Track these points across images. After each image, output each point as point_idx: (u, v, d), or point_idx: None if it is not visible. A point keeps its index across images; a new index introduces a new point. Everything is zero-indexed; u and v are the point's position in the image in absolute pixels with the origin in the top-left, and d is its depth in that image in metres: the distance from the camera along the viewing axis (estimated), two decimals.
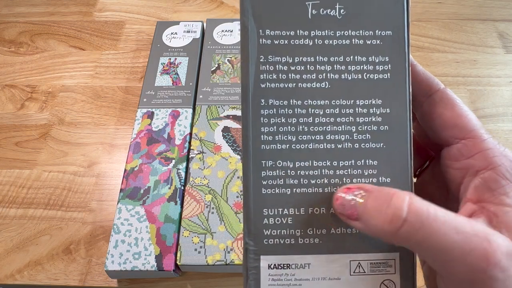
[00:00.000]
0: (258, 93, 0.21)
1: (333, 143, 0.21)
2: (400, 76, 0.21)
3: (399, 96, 0.21)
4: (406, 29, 0.21)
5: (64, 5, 0.59)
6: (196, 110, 0.44)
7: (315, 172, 0.21)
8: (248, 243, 0.21)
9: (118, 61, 0.52)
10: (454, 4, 0.58)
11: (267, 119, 0.21)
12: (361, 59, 0.21)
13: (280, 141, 0.21)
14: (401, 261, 0.21)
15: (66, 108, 0.48)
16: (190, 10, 0.58)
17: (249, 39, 0.21)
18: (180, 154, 0.41)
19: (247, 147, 0.21)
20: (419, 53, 0.52)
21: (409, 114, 0.21)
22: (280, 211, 0.21)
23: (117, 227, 0.37)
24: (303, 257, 0.21)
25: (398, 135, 0.21)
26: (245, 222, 0.21)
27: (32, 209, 0.41)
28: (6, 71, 0.52)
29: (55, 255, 0.39)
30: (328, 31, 0.21)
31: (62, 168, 0.44)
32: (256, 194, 0.21)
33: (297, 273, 0.21)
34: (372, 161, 0.21)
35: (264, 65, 0.21)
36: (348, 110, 0.21)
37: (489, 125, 0.46)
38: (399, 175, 0.21)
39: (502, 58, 0.52)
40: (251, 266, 0.21)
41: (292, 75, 0.21)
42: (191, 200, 0.38)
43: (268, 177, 0.21)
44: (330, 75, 0.21)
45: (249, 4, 0.21)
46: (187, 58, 0.48)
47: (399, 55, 0.21)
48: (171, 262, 0.35)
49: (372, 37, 0.21)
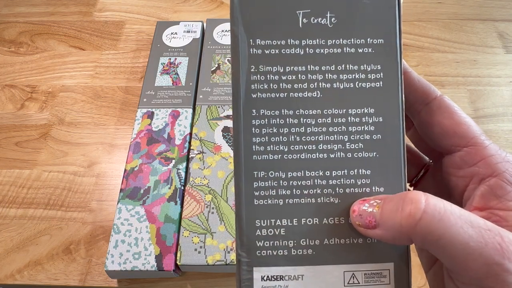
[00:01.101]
0: (249, 103, 0.21)
1: (325, 153, 0.21)
2: (393, 84, 0.21)
3: (391, 105, 0.21)
4: (398, 37, 0.21)
5: (64, 5, 0.59)
6: (196, 110, 0.44)
7: (307, 182, 0.21)
8: (241, 254, 0.21)
9: (118, 61, 0.52)
10: (454, 4, 0.58)
11: (258, 129, 0.21)
12: (353, 67, 0.21)
13: (272, 152, 0.21)
14: (395, 272, 0.21)
15: (66, 108, 0.48)
16: (190, 10, 0.58)
17: (239, 49, 0.21)
18: (180, 154, 0.41)
19: (239, 157, 0.21)
20: (419, 53, 0.52)
21: (402, 123, 0.21)
22: (272, 222, 0.21)
23: (117, 227, 0.37)
24: (296, 268, 0.21)
25: (391, 144, 0.21)
26: (238, 233, 0.21)
27: (32, 209, 0.41)
28: (6, 71, 0.52)
29: (55, 255, 0.39)
30: (319, 39, 0.21)
31: (62, 168, 0.44)
32: (248, 205, 0.21)
33: (291, 284, 0.21)
34: (365, 170, 0.21)
35: (255, 74, 0.21)
36: (341, 119, 0.21)
37: (489, 125, 0.46)
38: (393, 184, 0.21)
39: (502, 58, 0.52)
40: (244, 278, 0.21)
41: (283, 85, 0.21)
42: (191, 200, 0.38)
43: (260, 188, 0.21)
44: (322, 84, 0.21)
45: (239, 14, 0.21)
46: (187, 58, 0.48)
47: (391, 63, 0.21)
48: (171, 262, 0.35)
49: (363, 45, 0.21)
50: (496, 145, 0.19)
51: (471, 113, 0.47)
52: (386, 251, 0.21)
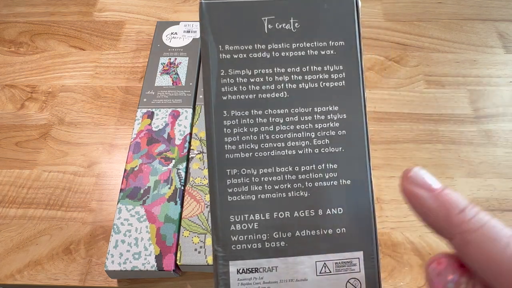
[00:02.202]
0: (220, 105, 0.22)
1: (294, 149, 0.22)
2: (355, 83, 0.23)
3: (354, 102, 0.23)
4: (358, 38, 0.23)
5: (64, 5, 0.59)
6: (196, 110, 0.44)
7: (278, 178, 0.22)
8: (217, 249, 0.22)
9: (118, 61, 0.52)
10: (454, 4, 0.58)
11: (230, 129, 0.22)
12: (316, 68, 0.22)
13: (243, 150, 0.22)
14: (365, 260, 0.22)
15: (66, 108, 0.48)
16: (190, 10, 0.58)
17: (209, 54, 0.22)
18: (180, 154, 0.41)
19: (212, 156, 0.22)
20: (419, 53, 0.52)
21: (365, 118, 0.22)
22: (246, 217, 0.22)
23: (117, 227, 0.37)
24: (270, 260, 0.22)
25: (355, 138, 0.22)
26: (213, 229, 0.22)
27: (32, 209, 0.41)
28: (6, 71, 0.52)
29: (55, 255, 0.39)
30: (284, 43, 0.22)
31: (62, 168, 0.44)
32: (222, 202, 0.22)
33: (265, 276, 0.22)
34: (332, 164, 0.22)
35: (225, 78, 0.22)
36: (307, 117, 0.22)
37: (489, 125, 0.46)
38: (359, 176, 0.22)
39: (502, 58, 0.52)
40: (221, 271, 0.22)
41: (252, 87, 0.22)
42: (191, 200, 0.38)
43: (233, 184, 0.22)
44: (288, 85, 0.22)
45: (208, 22, 0.22)
46: (187, 58, 0.48)
47: (352, 63, 0.23)
48: (171, 262, 0.35)
49: (326, 48, 0.23)
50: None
51: (471, 113, 0.47)
52: (355, 240, 0.22)
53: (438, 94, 0.49)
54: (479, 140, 0.45)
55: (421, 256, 0.38)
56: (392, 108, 0.47)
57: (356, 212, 0.22)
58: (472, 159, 0.44)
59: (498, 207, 0.41)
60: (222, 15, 0.22)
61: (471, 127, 0.46)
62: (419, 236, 0.39)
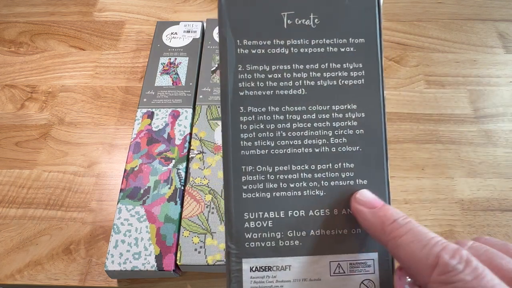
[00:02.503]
0: (237, 100, 0.22)
1: (310, 148, 0.22)
2: (374, 81, 0.22)
3: (373, 101, 0.22)
4: (379, 36, 0.22)
5: (64, 5, 0.59)
6: (196, 110, 0.44)
7: (293, 176, 0.22)
8: (230, 246, 0.21)
9: (118, 61, 0.52)
10: (454, 4, 0.58)
11: (246, 126, 0.22)
12: (335, 66, 0.22)
13: (259, 147, 0.22)
14: (379, 261, 0.22)
15: (66, 108, 0.48)
16: (190, 10, 0.58)
17: (227, 49, 0.22)
18: (180, 154, 0.41)
19: (227, 153, 0.22)
20: (419, 53, 0.52)
21: (384, 118, 0.22)
22: (260, 214, 0.22)
23: (117, 227, 0.37)
24: (283, 259, 0.21)
25: (373, 138, 0.22)
26: (227, 226, 0.21)
27: (32, 209, 0.41)
28: (6, 71, 0.52)
29: (55, 255, 0.39)
30: (303, 40, 0.22)
31: (62, 168, 0.44)
32: (236, 199, 0.22)
33: (278, 275, 0.21)
34: (349, 164, 0.22)
35: (242, 73, 0.22)
36: (325, 115, 0.22)
37: (489, 125, 0.46)
38: (376, 177, 0.22)
39: (502, 58, 0.52)
40: (234, 269, 0.21)
41: (269, 83, 0.22)
42: (191, 200, 0.38)
43: (248, 181, 0.22)
44: (306, 82, 0.22)
45: (227, 16, 0.22)
46: (187, 58, 0.48)
47: (372, 61, 0.22)
48: (171, 262, 0.35)
49: (345, 45, 0.22)
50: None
51: (471, 113, 0.47)
52: (370, 241, 0.22)
53: (438, 94, 0.49)
54: (479, 140, 0.45)
55: None
56: (392, 108, 0.47)
57: None
58: (472, 159, 0.44)
59: (498, 207, 0.41)
60: (241, 10, 0.22)
61: (471, 127, 0.46)
62: None
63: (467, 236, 0.39)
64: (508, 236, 0.39)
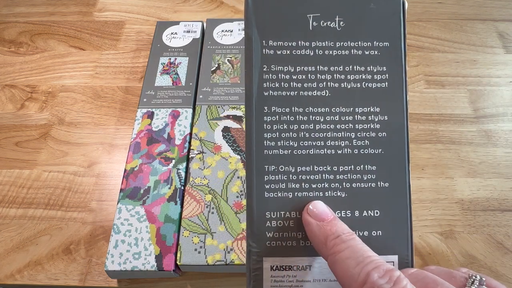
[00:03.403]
0: (262, 100, 0.22)
1: (333, 149, 0.22)
2: (398, 85, 0.22)
3: (396, 104, 0.22)
4: (403, 41, 0.22)
5: (64, 5, 0.59)
6: (196, 110, 0.44)
7: (316, 176, 0.22)
8: (251, 245, 0.21)
9: (118, 61, 0.52)
10: (454, 4, 0.58)
11: (270, 126, 0.22)
12: (359, 68, 0.22)
13: (282, 147, 0.22)
14: (399, 263, 0.22)
15: (66, 108, 0.48)
16: (190, 10, 0.58)
17: (253, 49, 0.22)
18: (180, 154, 0.41)
19: (251, 152, 0.22)
20: (419, 53, 0.52)
21: (406, 121, 0.22)
22: (282, 214, 0.22)
23: (117, 227, 0.37)
24: (304, 259, 0.22)
25: (396, 141, 0.22)
26: (248, 224, 0.22)
27: (32, 209, 0.41)
28: (6, 71, 0.52)
29: (55, 255, 0.39)
30: (328, 42, 0.22)
31: (62, 168, 0.44)
32: (259, 198, 0.22)
33: (299, 274, 0.21)
34: (371, 166, 0.22)
35: (267, 74, 0.22)
36: (348, 117, 0.22)
37: (489, 125, 0.46)
38: (397, 180, 0.22)
39: (502, 58, 0.52)
40: (254, 267, 0.21)
41: (294, 84, 0.22)
42: (191, 200, 0.38)
43: (270, 181, 0.22)
44: (330, 84, 0.22)
45: (253, 16, 0.22)
46: (187, 58, 0.48)
47: (396, 65, 0.22)
48: (171, 262, 0.35)
49: (370, 48, 0.22)
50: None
51: (471, 113, 0.47)
52: (390, 244, 0.22)
53: (438, 94, 0.49)
54: (479, 140, 0.45)
55: (421, 256, 0.38)
56: None
57: (393, 216, 0.22)
58: (472, 159, 0.44)
59: (498, 207, 0.41)
60: (267, 11, 0.22)
61: (471, 127, 0.46)
62: (419, 236, 0.39)
63: (467, 236, 0.39)
64: (508, 236, 0.39)
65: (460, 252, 0.38)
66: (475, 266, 0.38)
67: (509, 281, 0.37)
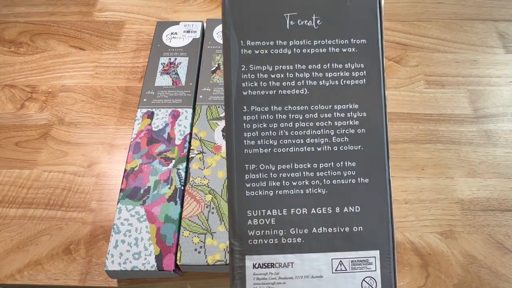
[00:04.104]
0: (241, 100, 0.22)
1: (313, 146, 0.22)
2: (376, 81, 0.23)
3: (375, 100, 0.23)
4: (380, 37, 0.23)
5: (64, 5, 0.59)
6: (196, 110, 0.44)
7: (296, 174, 0.22)
8: (234, 243, 0.22)
9: (118, 61, 0.52)
10: (454, 4, 0.58)
11: (249, 125, 0.22)
12: (337, 66, 0.23)
13: (262, 145, 0.22)
14: (381, 259, 0.22)
15: (66, 108, 0.48)
16: (190, 10, 0.58)
17: (231, 50, 0.22)
18: (180, 154, 0.41)
19: (231, 151, 0.22)
20: (419, 53, 0.52)
21: (385, 117, 0.22)
22: (263, 212, 0.22)
23: (117, 227, 0.37)
24: (286, 256, 0.22)
25: (375, 137, 0.22)
26: (230, 223, 0.22)
27: (32, 209, 0.41)
28: (6, 71, 0.52)
29: (55, 255, 0.39)
30: (305, 40, 0.22)
31: (62, 168, 0.44)
32: (240, 196, 0.22)
33: (281, 271, 0.22)
34: (350, 162, 0.22)
35: (246, 73, 0.22)
36: (327, 114, 0.22)
37: (489, 125, 0.46)
38: (377, 175, 0.22)
39: (502, 58, 0.52)
40: (237, 266, 0.22)
41: (272, 83, 0.22)
42: (191, 200, 0.38)
43: (251, 180, 0.22)
44: (309, 82, 0.22)
45: (230, 17, 0.22)
46: (187, 58, 0.48)
47: (374, 61, 0.23)
48: (171, 262, 0.35)
49: (347, 45, 0.23)
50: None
51: (471, 113, 0.47)
52: (372, 239, 0.22)
53: (438, 94, 0.49)
54: (479, 140, 0.45)
55: (421, 256, 0.38)
56: (392, 108, 0.47)
57: (374, 211, 0.22)
58: (472, 159, 0.44)
59: (498, 207, 0.41)
60: (244, 11, 0.22)
61: (471, 127, 0.46)
62: (419, 236, 0.39)
63: (467, 236, 0.39)
64: (508, 236, 0.39)
65: (460, 252, 0.38)
66: (475, 266, 0.38)
67: (509, 281, 0.37)
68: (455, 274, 0.37)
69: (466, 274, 0.37)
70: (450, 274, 0.37)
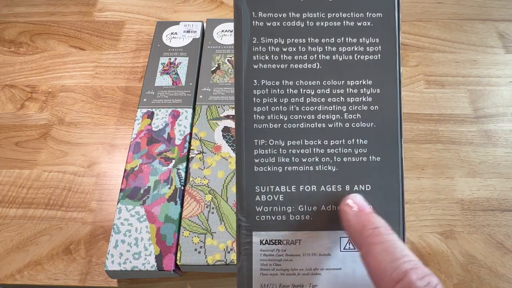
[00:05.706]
0: (251, 73, 0.21)
1: (324, 123, 0.22)
2: (391, 57, 0.22)
3: (389, 77, 0.22)
4: (397, 11, 0.22)
5: (64, 5, 0.59)
6: (196, 110, 0.44)
7: (306, 150, 0.21)
8: (241, 219, 0.21)
9: (118, 61, 0.52)
10: (454, 4, 0.58)
11: (259, 99, 0.21)
12: (351, 40, 0.22)
13: (272, 121, 0.21)
14: None
15: (66, 108, 0.48)
16: (190, 10, 0.58)
17: (242, 21, 0.21)
18: (180, 154, 0.41)
19: (240, 126, 0.21)
20: (419, 53, 0.52)
21: (399, 94, 0.22)
22: (272, 188, 0.21)
23: (117, 227, 0.37)
24: (294, 233, 0.21)
25: (388, 115, 0.22)
26: (238, 199, 0.21)
27: (32, 209, 0.41)
28: (6, 71, 0.52)
29: (55, 255, 0.39)
30: (319, 13, 0.22)
31: (62, 168, 0.44)
32: (248, 172, 0.21)
33: (288, 249, 0.21)
34: (362, 140, 0.22)
35: (257, 46, 0.21)
36: (339, 90, 0.22)
37: (489, 125, 0.46)
38: (389, 154, 0.22)
39: (502, 58, 0.52)
40: (244, 241, 0.21)
41: (284, 56, 0.21)
42: (191, 200, 0.38)
43: (260, 155, 0.21)
44: (322, 56, 0.22)
45: None
46: (187, 58, 0.48)
47: (390, 36, 0.22)
48: (171, 262, 0.35)
49: (362, 19, 0.22)
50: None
51: (471, 113, 0.47)
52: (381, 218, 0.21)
53: (438, 94, 0.49)
54: (479, 140, 0.45)
55: (421, 256, 0.38)
56: None
57: (384, 191, 0.21)
58: (472, 159, 0.44)
59: (498, 207, 0.41)
60: None
61: (471, 127, 0.46)
62: (419, 236, 0.39)
63: (467, 236, 0.39)
64: (508, 236, 0.39)
65: (460, 252, 0.38)
66: (475, 266, 0.38)
67: (509, 281, 0.37)
68: (455, 274, 0.37)
69: (466, 274, 0.37)
70: (450, 274, 0.37)
